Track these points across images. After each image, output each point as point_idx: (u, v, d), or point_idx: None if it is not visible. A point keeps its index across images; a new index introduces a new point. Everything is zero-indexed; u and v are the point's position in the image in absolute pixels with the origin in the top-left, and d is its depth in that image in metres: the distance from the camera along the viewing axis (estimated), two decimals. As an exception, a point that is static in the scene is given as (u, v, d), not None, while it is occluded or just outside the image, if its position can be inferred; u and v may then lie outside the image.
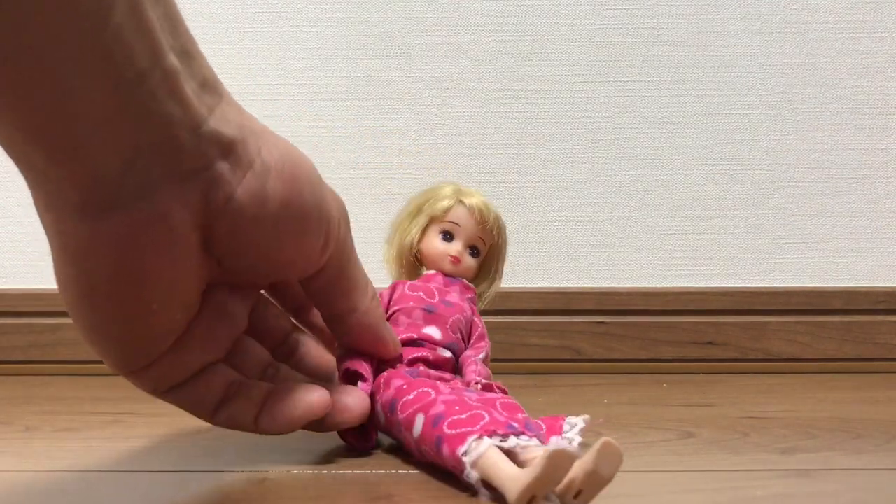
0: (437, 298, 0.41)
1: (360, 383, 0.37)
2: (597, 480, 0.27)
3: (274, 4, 0.62)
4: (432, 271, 0.43)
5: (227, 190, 0.29)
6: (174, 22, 0.28)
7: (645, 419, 0.44)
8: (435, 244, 0.43)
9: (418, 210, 0.43)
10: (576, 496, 0.28)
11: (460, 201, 0.43)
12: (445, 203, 0.43)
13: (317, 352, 0.39)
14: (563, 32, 0.63)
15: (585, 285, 0.63)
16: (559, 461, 0.27)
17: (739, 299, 0.62)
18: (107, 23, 0.25)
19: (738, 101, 0.63)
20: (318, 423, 0.35)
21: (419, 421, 0.33)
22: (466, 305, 0.42)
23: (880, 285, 0.63)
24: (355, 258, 0.36)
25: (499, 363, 0.42)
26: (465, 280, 0.43)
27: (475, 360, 0.40)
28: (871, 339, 0.62)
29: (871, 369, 0.61)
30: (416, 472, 0.34)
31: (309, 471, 0.34)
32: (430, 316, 0.40)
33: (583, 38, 0.63)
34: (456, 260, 0.42)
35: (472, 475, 0.29)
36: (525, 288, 0.62)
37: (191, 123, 0.28)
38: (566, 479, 0.27)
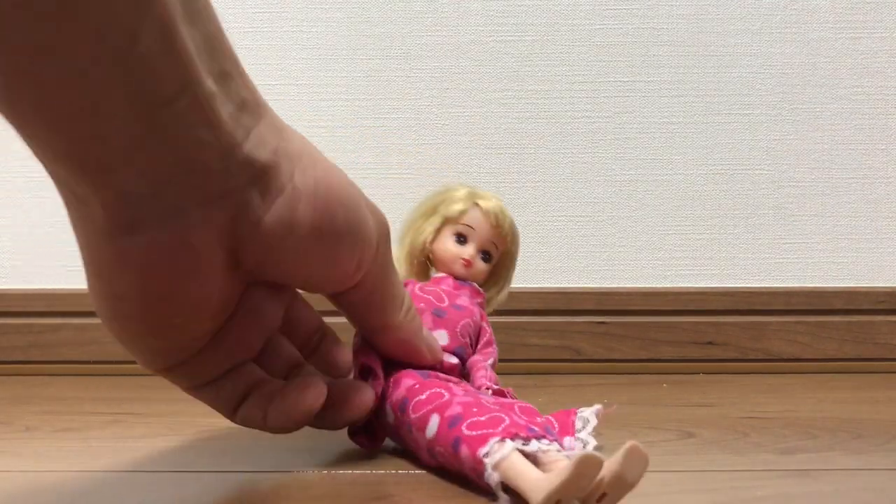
0: (447, 303, 0.41)
1: (370, 380, 0.36)
2: (622, 484, 0.27)
3: (274, 4, 0.62)
4: (442, 274, 0.42)
5: (255, 216, 0.29)
6: (215, 43, 0.27)
7: (645, 419, 0.44)
8: (448, 246, 0.42)
9: (433, 210, 0.42)
10: (599, 499, 0.27)
11: (476, 204, 0.42)
12: (461, 205, 0.42)
13: (337, 348, 0.39)
14: (563, 32, 0.63)
15: (585, 285, 0.62)
16: (587, 468, 0.26)
17: (739, 299, 0.62)
18: (132, 49, 0.24)
19: (738, 101, 0.63)
20: (328, 420, 0.35)
21: (434, 421, 0.33)
22: (476, 310, 0.42)
23: (880, 285, 0.63)
24: (392, 274, 0.35)
25: (499, 363, 0.42)
26: (475, 284, 0.42)
27: (484, 365, 0.39)
28: (872, 339, 0.61)
29: (872, 369, 0.61)
30: (416, 472, 0.34)
31: (309, 471, 0.34)
32: (440, 320, 0.40)
33: (583, 38, 0.63)
34: (468, 263, 0.42)
35: (493, 476, 0.29)
36: (525, 288, 0.62)
37: (223, 148, 0.27)
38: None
